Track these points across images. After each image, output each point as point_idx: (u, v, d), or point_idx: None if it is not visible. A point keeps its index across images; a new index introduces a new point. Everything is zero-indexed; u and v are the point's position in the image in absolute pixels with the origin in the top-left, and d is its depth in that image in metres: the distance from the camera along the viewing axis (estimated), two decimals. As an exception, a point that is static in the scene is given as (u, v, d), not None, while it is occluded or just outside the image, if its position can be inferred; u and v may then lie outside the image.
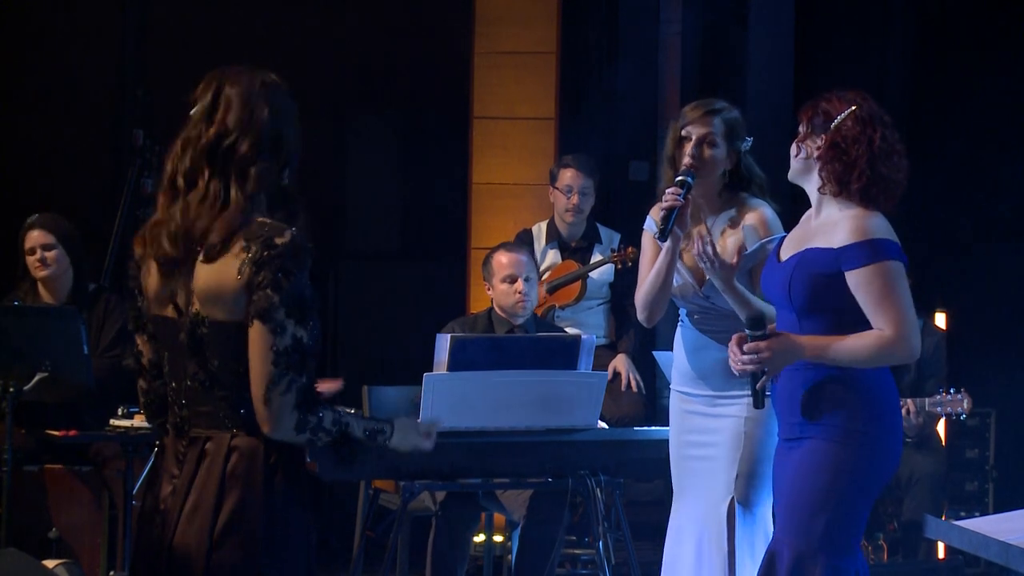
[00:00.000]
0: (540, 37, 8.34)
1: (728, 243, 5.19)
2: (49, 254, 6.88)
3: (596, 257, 7.49)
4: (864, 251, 4.40)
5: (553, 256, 7.52)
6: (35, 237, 6.89)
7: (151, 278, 3.57)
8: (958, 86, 8.69)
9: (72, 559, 6.48)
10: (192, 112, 3.56)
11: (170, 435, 3.59)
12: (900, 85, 8.83)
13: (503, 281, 6.60)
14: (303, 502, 3.56)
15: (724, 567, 5.11)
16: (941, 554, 7.23)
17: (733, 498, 5.13)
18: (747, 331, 4.51)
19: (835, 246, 4.44)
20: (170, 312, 3.53)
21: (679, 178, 5.10)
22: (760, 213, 5.18)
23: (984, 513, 7.53)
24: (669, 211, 5.06)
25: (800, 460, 4.50)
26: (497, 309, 6.68)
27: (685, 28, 9.07)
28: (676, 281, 5.23)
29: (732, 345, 4.56)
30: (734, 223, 5.20)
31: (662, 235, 5.11)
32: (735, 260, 5.02)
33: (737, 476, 5.11)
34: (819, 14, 9.04)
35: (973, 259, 8.50)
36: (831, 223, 4.50)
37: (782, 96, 8.74)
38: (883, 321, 4.40)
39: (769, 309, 4.83)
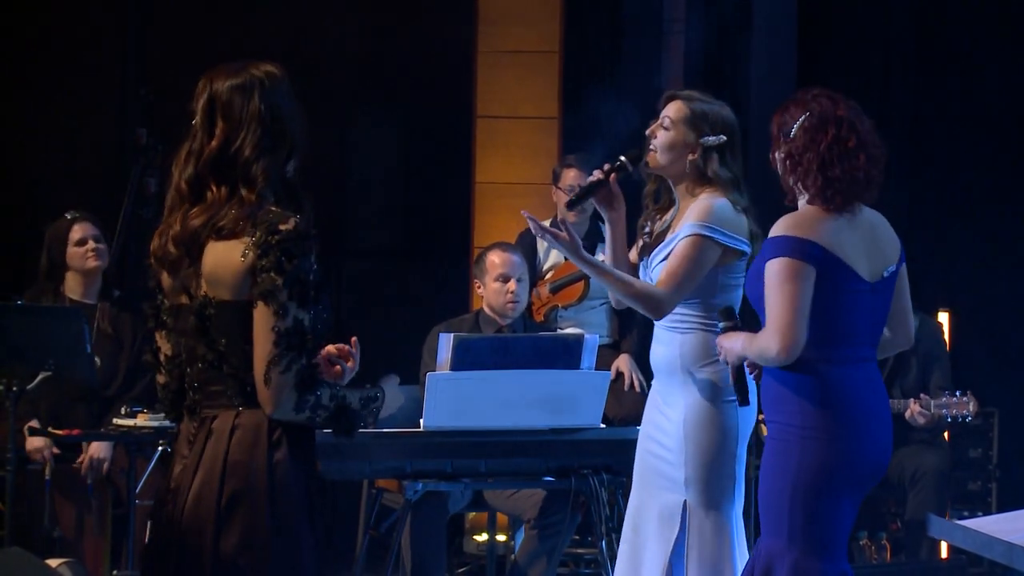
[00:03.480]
0: (543, 36, 8.35)
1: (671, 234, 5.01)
2: (101, 245, 6.85)
3: (599, 257, 7.47)
4: (766, 247, 4.44)
5: (556, 256, 7.51)
6: (85, 228, 6.83)
7: (166, 274, 3.69)
8: (961, 86, 8.68)
9: (75, 558, 6.48)
10: (193, 122, 3.65)
11: (184, 419, 3.70)
12: (903, 85, 8.82)
13: (495, 280, 6.63)
14: (307, 475, 3.64)
15: (662, 566, 4.91)
16: (944, 553, 7.22)
17: (686, 500, 4.91)
18: (718, 323, 4.61)
19: None
20: (184, 299, 3.65)
21: (620, 159, 5.02)
22: (702, 200, 4.94)
23: (987, 513, 7.52)
24: (589, 185, 5.04)
25: (766, 458, 4.53)
26: (486, 309, 6.70)
27: (688, 28, 9.06)
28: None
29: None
30: (681, 215, 5.02)
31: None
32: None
33: (685, 480, 4.89)
34: (822, 15, 9.02)
35: (976, 258, 8.48)
36: None
37: (785, 97, 8.69)
38: (768, 318, 4.39)
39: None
